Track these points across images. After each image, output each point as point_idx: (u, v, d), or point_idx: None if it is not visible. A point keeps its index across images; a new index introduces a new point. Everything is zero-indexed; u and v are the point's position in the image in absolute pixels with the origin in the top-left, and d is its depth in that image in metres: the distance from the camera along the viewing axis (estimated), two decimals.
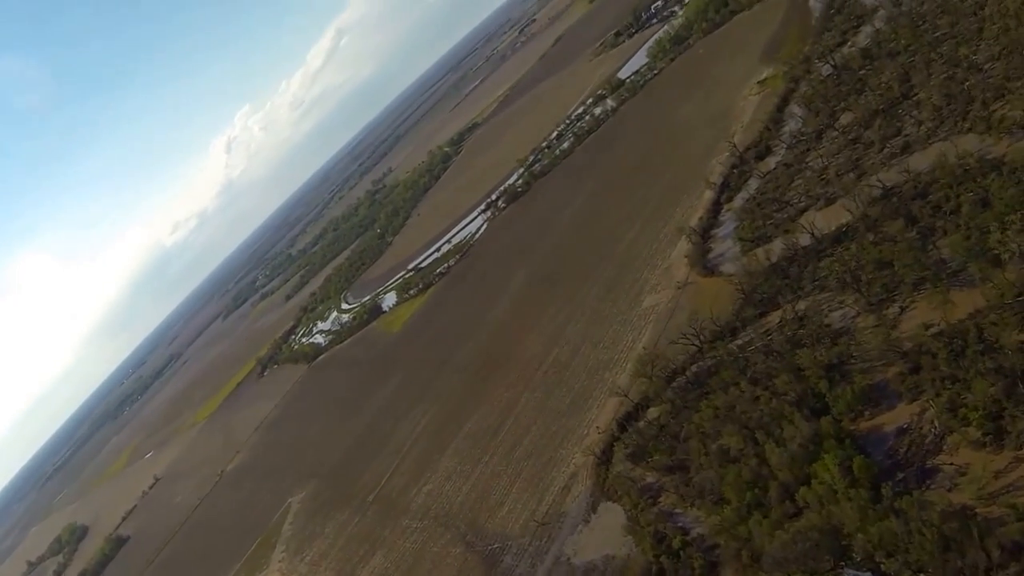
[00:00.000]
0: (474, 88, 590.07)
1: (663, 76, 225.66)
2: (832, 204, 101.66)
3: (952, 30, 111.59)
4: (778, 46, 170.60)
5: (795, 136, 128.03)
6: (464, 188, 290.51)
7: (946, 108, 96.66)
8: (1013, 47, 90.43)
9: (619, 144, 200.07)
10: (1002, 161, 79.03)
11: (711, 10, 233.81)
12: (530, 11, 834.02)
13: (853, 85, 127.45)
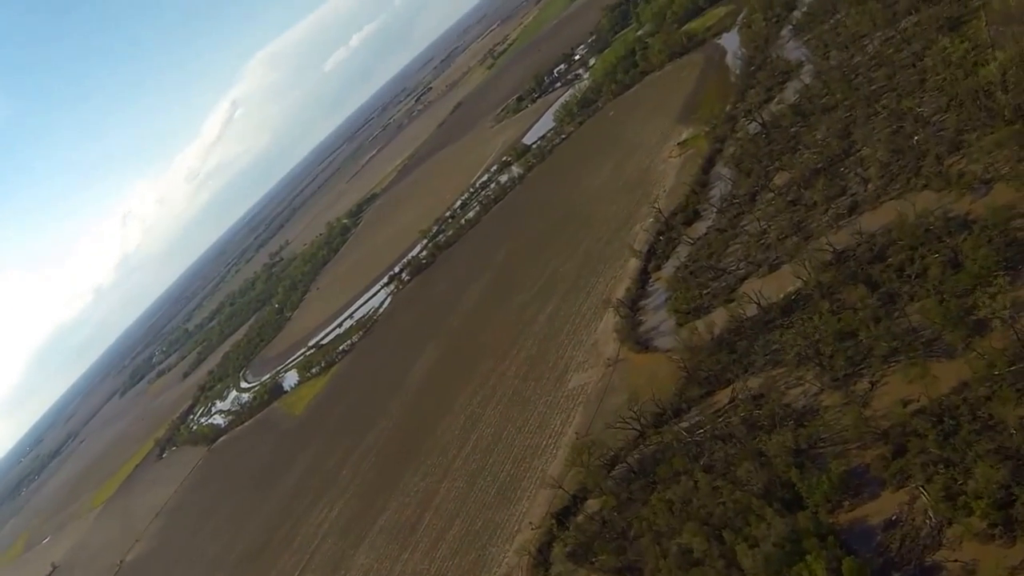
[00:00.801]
0: (371, 158, 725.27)
1: (573, 141, 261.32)
2: (776, 270, 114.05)
3: (890, 82, 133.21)
4: (696, 106, 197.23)
5: (726, 199, 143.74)
6: (364, 261, 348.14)
7: (895, 164, 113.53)
8: (963, 98, 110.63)
9: (529, 212, 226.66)
10: (968, 219, 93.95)
11: (619, 72, 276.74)
12: (426, 80, 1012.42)
13: (786, 143, 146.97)
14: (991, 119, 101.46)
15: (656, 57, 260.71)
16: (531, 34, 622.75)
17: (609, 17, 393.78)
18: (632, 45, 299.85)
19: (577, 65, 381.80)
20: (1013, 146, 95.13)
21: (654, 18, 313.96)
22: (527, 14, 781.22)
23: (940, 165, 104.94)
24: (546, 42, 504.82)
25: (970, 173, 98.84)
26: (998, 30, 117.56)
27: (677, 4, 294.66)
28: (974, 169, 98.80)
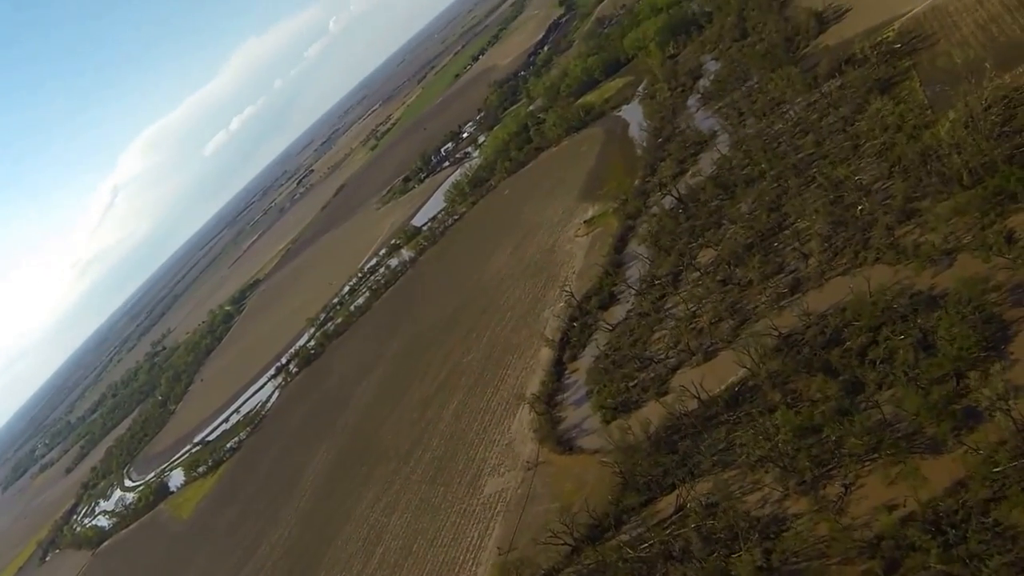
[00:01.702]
0: (253, 243, 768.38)
1: (467, 221, 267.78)
2: (713, 358, 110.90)
3: (820, 150, 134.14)
4: (601, 181, 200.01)
5: (645, 280, 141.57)
6: (250, 350, 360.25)
7: (838, 237, 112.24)
8: (908, 163, 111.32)
9: (424, 298, 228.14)
10: (934, 295, 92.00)
11: (512, 148, 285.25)
12: (307, 162, 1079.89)
13: (707, 218, 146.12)
14: (945, 184, 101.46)
15: (552, 132, 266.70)
16: (415, 113, 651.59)
17: (497, 93, 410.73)
18: (524, 120, 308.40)
19: (466, 143, 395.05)
20: (973, 213, 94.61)
21: (546, 92, 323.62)
22: (409, 93, 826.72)
23: (891, 236, 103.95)
24: (431, 120, 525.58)
25: (928, 244, 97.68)
26: (936, 90, 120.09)
27: (571, 77, 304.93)
28: (932, 239, 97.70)
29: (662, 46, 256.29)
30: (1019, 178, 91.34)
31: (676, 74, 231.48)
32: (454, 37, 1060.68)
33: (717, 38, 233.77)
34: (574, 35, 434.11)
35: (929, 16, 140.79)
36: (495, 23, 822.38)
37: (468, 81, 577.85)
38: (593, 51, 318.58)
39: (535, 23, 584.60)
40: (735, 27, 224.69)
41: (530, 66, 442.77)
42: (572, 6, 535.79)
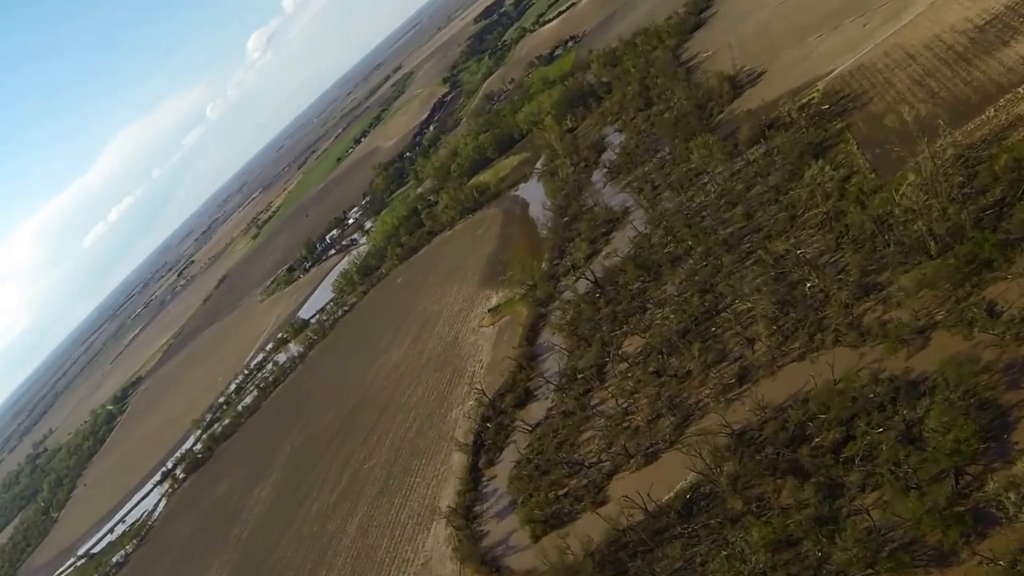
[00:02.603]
0: (135, 337, 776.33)
1: (358, 312, 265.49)
2: (655, 461, 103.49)
3: (752, 222, 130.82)
4: (503, 266, 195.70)
5: (566, 374, 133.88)
6: (134, 453, 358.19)
7: (787, 318, 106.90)
8: (858, 233, 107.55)
9: (316, 397, 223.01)
10: (912, 380, 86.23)
11: (403, 233, 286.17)
12: (188, 252, 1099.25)
13: (629, 303, 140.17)
14: (906, 254, 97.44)
15: (445, 215, 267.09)
16: (297, 199, 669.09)
17: (383, 176, 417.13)
18: (414, 204, 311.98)
19: (352, 229, 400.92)
20: (944, 285, 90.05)
21: (436, 173, 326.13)
22: (290, 179, 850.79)
23: (850, 315, 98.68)
24: (314, 207, 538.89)
25: (895, 322, 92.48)
26: (877, 152, 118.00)
27: (462, 156, 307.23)
28: (899, 316, 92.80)
29: (559, 119, 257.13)
30: (994, 244, 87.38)
31: (577, 148, 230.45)
32: (334, 120, 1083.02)
33: (619, 109, 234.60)
34: (461, 113, 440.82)
35: (856, 74, 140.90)
36: (376, 104, 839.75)
37: (351, 165, 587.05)
38: (484, 128, 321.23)
39: (418, 102, 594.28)
40: (638, 96, 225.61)
41: (416, 147, 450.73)
42: (457, 84, 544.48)
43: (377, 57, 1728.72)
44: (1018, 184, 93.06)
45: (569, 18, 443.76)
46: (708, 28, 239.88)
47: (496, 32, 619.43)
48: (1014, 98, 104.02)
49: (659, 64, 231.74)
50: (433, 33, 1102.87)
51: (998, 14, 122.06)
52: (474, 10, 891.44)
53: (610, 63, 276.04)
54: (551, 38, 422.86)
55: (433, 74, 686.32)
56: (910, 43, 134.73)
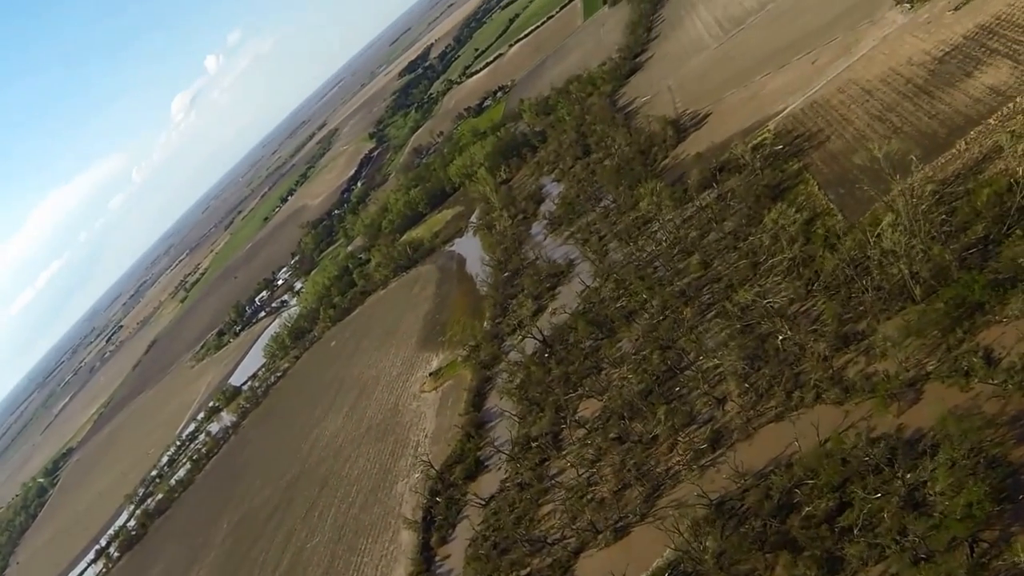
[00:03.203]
0: (65, 406, 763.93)
1: (291, 378, 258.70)
2: (626, 536, 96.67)
3: (710, 272, 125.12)
4: (442, 326, 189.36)
5: (519, 442, 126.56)
6: (68, 530, 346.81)
7: (759, 375, 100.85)
8: (830, 279, 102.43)
9: (252, 470, 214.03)
10: (908, 438, 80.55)
11: (335, 294, 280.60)
12: (116, 317, 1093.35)
13: (583, 363, 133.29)
14: (887, 301, 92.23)
15: (377, 273, 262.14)
16: (224, 261, 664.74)
17: (311, 235, 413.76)
18: (345, 262, 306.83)
19: (282, 291, 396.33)
20: (932, 331, 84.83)
21: (366, 230, 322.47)
22: (217, 240, 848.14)
23: (830, 368, 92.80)
24: (242, 268, 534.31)
25: (882, 374, 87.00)
26: (841, 193, 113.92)
27: (393, 212, 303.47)
28: (886, 368, 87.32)
29: (493, 171, 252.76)
30: (984, 285, 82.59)
31: (514, 200, 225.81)
32: (260, 179, 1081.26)
33: (555, 158, 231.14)
34: (389, 168, 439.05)
35: (809, 112, 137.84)
36: (302, 162, 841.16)
37: (279, 224, 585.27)
38: (414, 183, 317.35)
39: (345, 159, 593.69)
40: (575, 144, 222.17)
41: (344, 204, 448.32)
42: (384, 139, 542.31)
43: (302, 114, 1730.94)
44: (1002, 219, 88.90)
45: (497, 69, 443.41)
46: (645, 72, 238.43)
47: (422, 86, 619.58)
48: (985, 130, 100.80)
49: (596, 111, 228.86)
50: (357, 89, 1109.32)
51: (957, 45, 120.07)
52: (398, 65, 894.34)
53: (543, 112, 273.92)
54: (479, 89, 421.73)
55: (359, 130, 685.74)
56: (864, 78, 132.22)
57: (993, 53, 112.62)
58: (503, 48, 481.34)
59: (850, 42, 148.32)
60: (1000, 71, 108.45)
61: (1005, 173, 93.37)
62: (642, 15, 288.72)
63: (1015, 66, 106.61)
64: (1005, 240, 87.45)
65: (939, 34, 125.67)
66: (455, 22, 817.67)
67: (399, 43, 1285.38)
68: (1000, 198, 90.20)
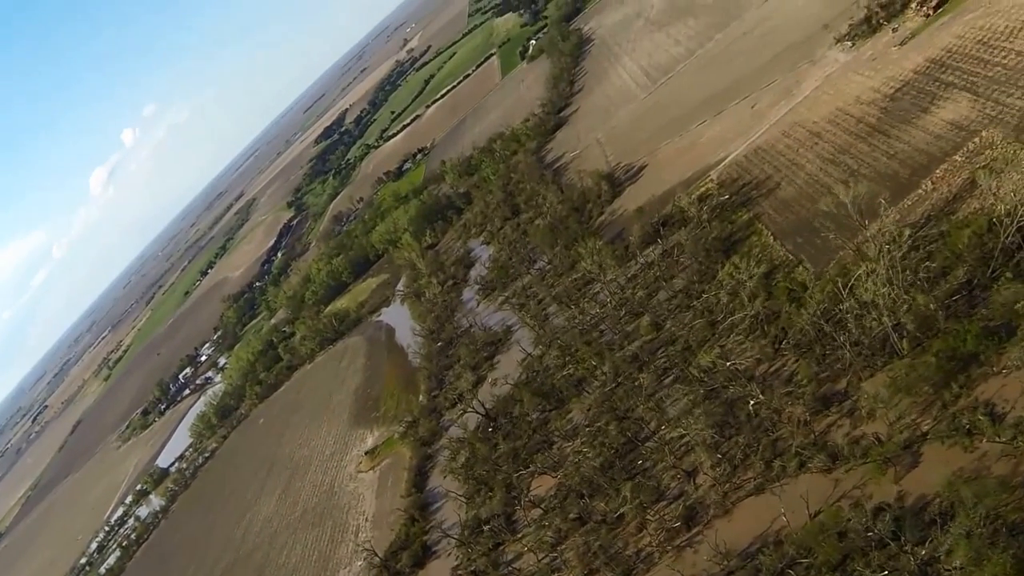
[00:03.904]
0: None
1: (220, 458, 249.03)
2: None
3: (662, 334, 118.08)
4: (375, 401, 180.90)
5: (468, 525, 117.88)
6: None
7: (731, 444, 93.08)
8: (799, 337, 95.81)
9: (183, 557, 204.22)
10: (911, 507, 73.66)
11: (260, 369, 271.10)
12: (40, 397, 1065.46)
13: (531, 437, 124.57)
14: (868, 357, 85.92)
15: (303, 347, 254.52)
16: (146, 337, 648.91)
17: (233, 308, 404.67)
18: (269, 336, 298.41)
19: (206, 367, 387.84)
20: (923, 387, 78.50)
21: (289, 302, 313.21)
22: (139, 316, 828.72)
23: (811, 433, 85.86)
24: (165, 344, 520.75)
25: (871, 437, 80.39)
26: (799, 242, 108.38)
27: (316, 283, 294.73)
28: (875, 430, 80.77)
29: (418, 236, 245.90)
30: (977, 334, 76.64)
31: (442, 265, 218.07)
32: (179, 252, 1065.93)
33: (482, 220, 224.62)
34: (310, 237, 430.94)
35: (754, 159, 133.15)
36: (221, 233, 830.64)
37: (200, 298, 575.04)
38: (336, 251, 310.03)
39: (264, 229, 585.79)
40: (503, 205, 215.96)
41: (265, 275, 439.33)
42: (302, 207, 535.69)
43: (219, 185, 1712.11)
44: (985, 262, 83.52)
45: (415, 131, 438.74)
46: (571, 126, 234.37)
47: (339, 152, 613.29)
48: (951, 167, 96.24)
49: (522, 168, 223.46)
50: (273, 158, 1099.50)
51: (908, 80, 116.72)
52: (313, 132, 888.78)
53: (466, 172, 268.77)
54: (398, 152, 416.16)
55: (277, 199, 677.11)
56: (811, 120, 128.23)
57: (948, 86, 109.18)
58: (420, 109, 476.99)
59: (790, 84, 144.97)
60: (959, 105, 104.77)
61: (981, 212, 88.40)
62: (563, 69, 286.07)
63: (974, 99, 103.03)
64: (992, 285, 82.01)
65: (887, 70, 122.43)
66: (369, 86, 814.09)
67: (313, 110, 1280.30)
68: (980, 239, 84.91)
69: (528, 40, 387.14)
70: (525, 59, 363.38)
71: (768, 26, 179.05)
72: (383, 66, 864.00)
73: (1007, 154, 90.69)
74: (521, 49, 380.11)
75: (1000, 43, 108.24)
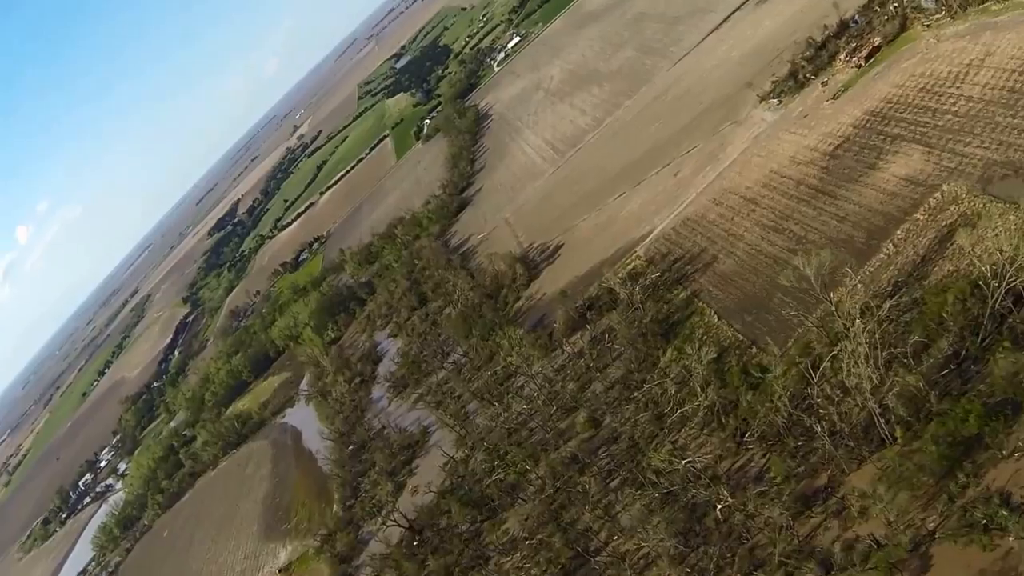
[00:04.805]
0: None
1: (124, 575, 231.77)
2: None
3: (602, 431, 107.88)
4: (285, 511, 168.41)
5: None
6: None
7: (700, 556, 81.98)
8: (764, 427, 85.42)
9: None
10: None
11: (161, 476, 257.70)
12: None
13: (463, 551, 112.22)
14: (849, 447, 76.13)
15: (205, 452, 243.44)
16: (45, 441, 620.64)
17: (132, 410, 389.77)
18: (169, 441, 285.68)
19: (106, 472, 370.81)
20: (922, 477, 69.03)
21: (188, 404, 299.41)
22: (37, 420, 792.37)
23: (795, 538, 75.45)
24: (64, 448, 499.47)
25: (867, 539, 70.16)
26: (748, 320, 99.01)
27: (215, 383, 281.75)
28: (872, 531, 70.69)
29: (320, 331, 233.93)
30: (980, 414, 67.49)
31: (348, 362, 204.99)
32: (76, 352, 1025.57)
33: (387, 311, 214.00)
34: (207, 333, 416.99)
35: (683, 231, 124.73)
36: (117, 331, 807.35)
37: (98, 399, 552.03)
38: (234, 349, 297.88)
39: (160, 326, 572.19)
40: (408, 294, 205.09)
41: (163, 375, 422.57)
42: (198, 302, 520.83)
43: (114, 282, 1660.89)
44: (973, 330, 74.95)
45: (310, 219, 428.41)
46: (476, 207, 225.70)
47: (233, 243, 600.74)
48: (914, 227, 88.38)
49: (427, 254, 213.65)
50: (167, 252, 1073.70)
51: (848, 136, 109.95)
52: (206, 224, 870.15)
53: (367, 260, 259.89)
54: (293, 242, 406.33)
55: (172, 294, 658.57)
56: (743, 185, 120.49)
57: (896, 139, 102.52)
58: (314, 197, 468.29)
59: (714, 148, 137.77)
60: (911, 158, 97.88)
61: (958, 275, 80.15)
62: (462, 147, 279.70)
63: (927, 151, 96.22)
64: (985, 355, 73.33)
65: (822, 127, 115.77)
66: (261, 175, 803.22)
67: (206, 201, 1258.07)
68: (964, 305, 76.26)
69: (422, 119, 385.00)
70: (420, 139, 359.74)
71: (682, 88, 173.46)
72: (274, 153, 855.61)
73: (976, 208, 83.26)
74: (416, 129, 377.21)
75: (946, 89, 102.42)
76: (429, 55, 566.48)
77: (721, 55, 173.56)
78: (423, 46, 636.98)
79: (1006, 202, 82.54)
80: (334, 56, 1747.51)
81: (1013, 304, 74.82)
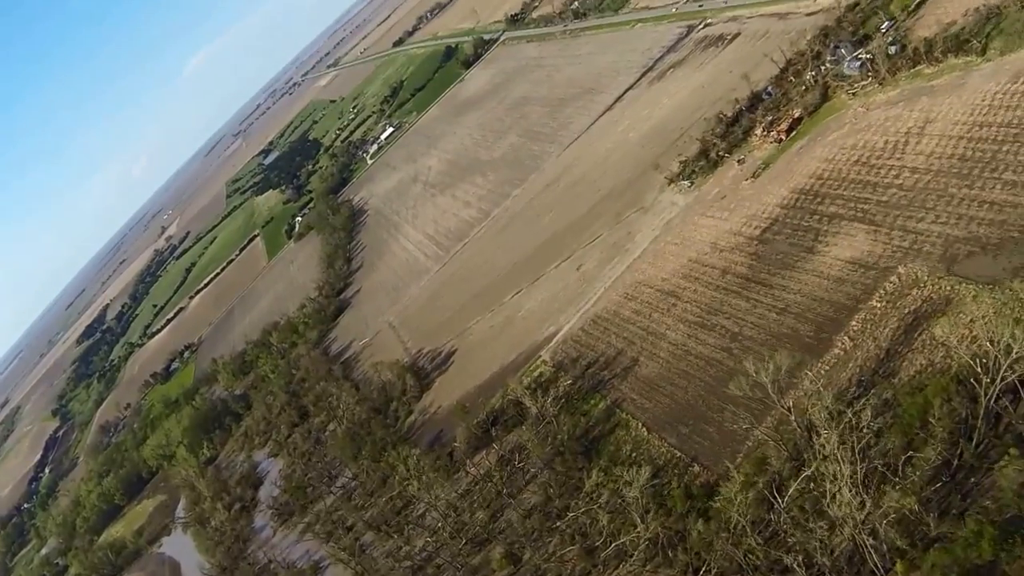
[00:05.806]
0: None
1: None
2: None
3: (522, 569, 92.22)
4: None
5: None
6: None
7: None
8: (721, 563, 70.55)
9: None
10: None
11: None
12: None
13: None
14: None
15: None
16: None
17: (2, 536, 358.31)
18: (40, 572, 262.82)
19: None
20: None
21: (60, 530, 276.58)
22: None
23: None
24: None
25: None
26: (684, 433, 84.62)
27: (86, 507, 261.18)
28: None
29: (194, 449, 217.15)
30: (993, 536, 54.71)
31: (226, 485, 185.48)
32: None
33: (266, 426, 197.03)
34: (77, 450, 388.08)
35: (593, 332, 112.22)
36: None
37: None
38: (105, 468, 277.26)
39: (29, 442, 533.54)
40: (288, 407, 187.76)
41: (33, 495, 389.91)
42: (68, 415, 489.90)
43: None
44: (966, 431, 62.11)
45: (180, 324, 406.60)
46: (355, 309, 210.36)
47: (102, 352, 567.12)
48: (871, 317, 76.22)
49: (305, 364, 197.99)
50: (36, 360, 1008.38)
51: (776, 217, 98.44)
52: (75, 330, 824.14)
53: (241, 371, 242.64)
54: (164, 349, 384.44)
55: (41, 407, 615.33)
56: (659, 277, 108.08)
57: (834, 219, 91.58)
58: (183, 301, 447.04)
59: (619, 238, 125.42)
60: (855, 239, 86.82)
61: (933, 369, 67.90)
62: (337, 245, 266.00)
63: (874, 229, 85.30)
64: (982, 463, 60.71)
65: (744, 209, 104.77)
66: (129, 278, 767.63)
67: (75, 306, 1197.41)
68: (949, 404, 63.65)
69: (294, 217, 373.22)
70: (292, 238, 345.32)
71: (576, 175, 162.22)
72: (143, 255, 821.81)
73: (943, 292, 71.49)
74: (287, 227, 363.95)
75: (885, 161, 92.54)
76: (298, 150, 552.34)
77: (617, 137, 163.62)
78: (291, 141, 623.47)
79: (978, 283, 71.14)
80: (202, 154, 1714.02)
81: (1012, 400, 62.61)
